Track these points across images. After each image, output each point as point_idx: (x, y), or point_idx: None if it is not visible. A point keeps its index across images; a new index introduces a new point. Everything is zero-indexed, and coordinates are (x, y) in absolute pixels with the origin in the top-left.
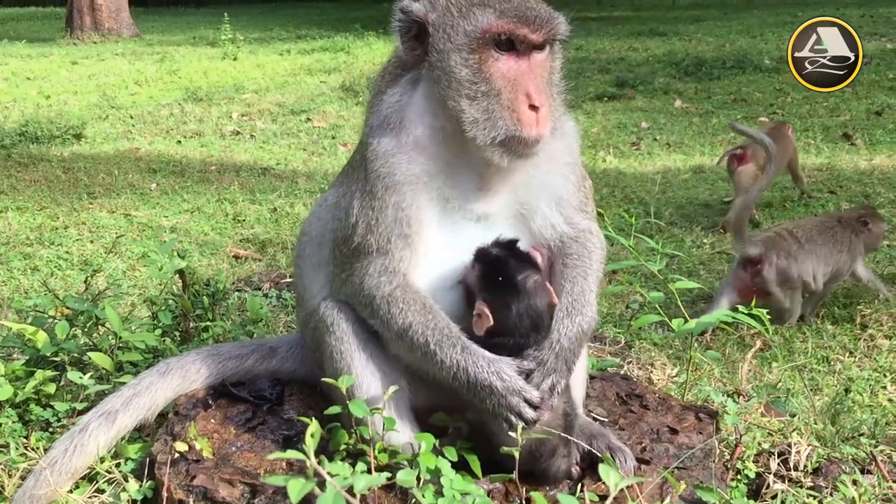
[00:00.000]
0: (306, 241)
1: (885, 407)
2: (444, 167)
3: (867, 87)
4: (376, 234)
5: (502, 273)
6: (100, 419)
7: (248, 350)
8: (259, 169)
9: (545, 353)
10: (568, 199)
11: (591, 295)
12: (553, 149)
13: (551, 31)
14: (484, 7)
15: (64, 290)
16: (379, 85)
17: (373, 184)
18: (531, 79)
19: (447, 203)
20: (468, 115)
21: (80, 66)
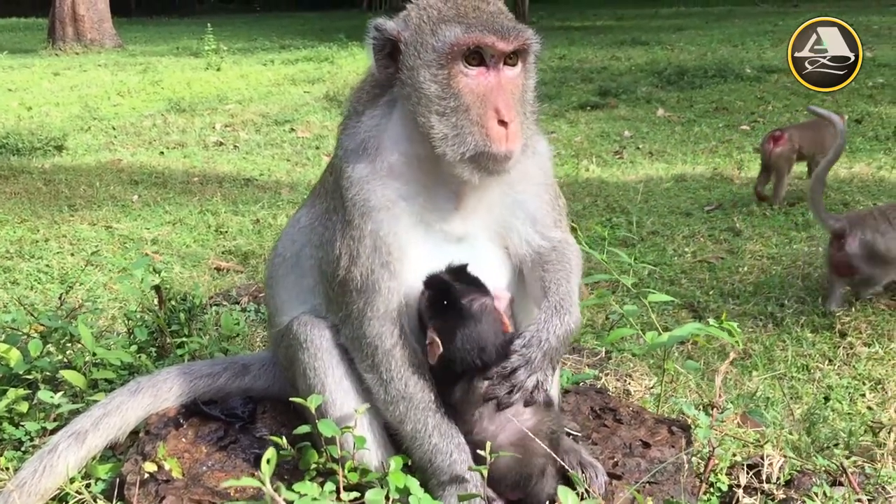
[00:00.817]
0: (279, 262)
1: (863, 415)
2: (420, 190)
3: (847, 96)
4: (359, 265)
5: (447, 298)
6: (69, 440)
7: (220, 368)
8: (242, 180)
9: (533, 351)
10: (542, 218)
11: (575, 296)
12: (527, 169)
13: (519, 40)
14: (452, 22)
15: (43, 303)
16: (355, 106)
17: (350, 212)
18: (501, 94)
19: (426, 226)
20: (437, 131)
21: (62, 77)
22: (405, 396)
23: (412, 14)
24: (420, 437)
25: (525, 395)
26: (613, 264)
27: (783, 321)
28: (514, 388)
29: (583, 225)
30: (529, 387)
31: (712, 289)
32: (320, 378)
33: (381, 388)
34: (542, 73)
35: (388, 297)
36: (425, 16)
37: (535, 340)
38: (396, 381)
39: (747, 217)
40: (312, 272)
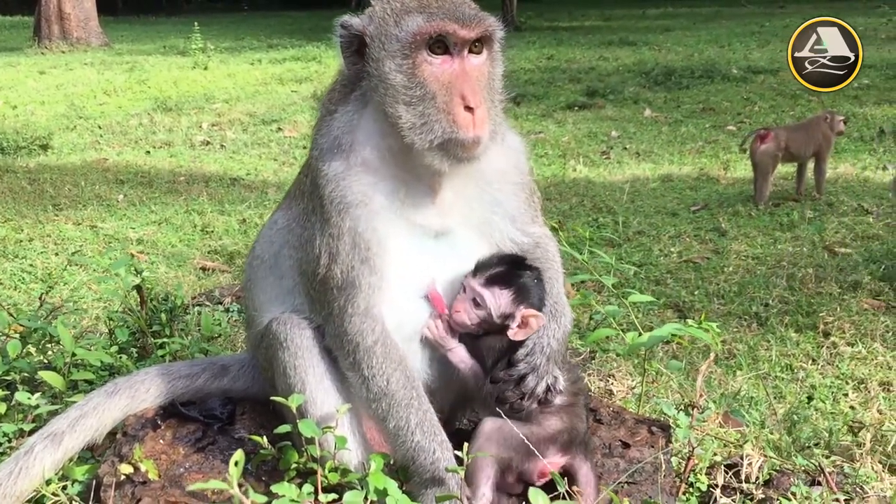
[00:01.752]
0: (257, 265)
1: (846, 414)
2: (397, 185)
3: (832, 96)
4: (339, 262)
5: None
6: (45, 441)
7: (199, 369)
8: (228, 179)
9: (537, 358)
10: (520, 216)
11: (564, 295)
12: (503, 167)
13: (481, 26)
14: (414, 12)
15: (27, 303)
16: (328, 105)
17: (327, 211)
18: (466, 81)
19: (405, 221)
20: (405, 120)
21: (47, 75)
22: (387, 393)
23: (377, 8)
24: (402, 434)
25: (537, 399)
26: (599, 264)
27: (767, 321)
28: (524, 395)
29: (570, 225)
30: (540, 392)
31: (697, 289)
32: (300, 377)
33: (363, 385)
34: (530, 73)
35: (369, 293)
36: (389, 8)
37: (538, 348)
38: (378, 378)
39: (732, 217)
40: (292, 273)
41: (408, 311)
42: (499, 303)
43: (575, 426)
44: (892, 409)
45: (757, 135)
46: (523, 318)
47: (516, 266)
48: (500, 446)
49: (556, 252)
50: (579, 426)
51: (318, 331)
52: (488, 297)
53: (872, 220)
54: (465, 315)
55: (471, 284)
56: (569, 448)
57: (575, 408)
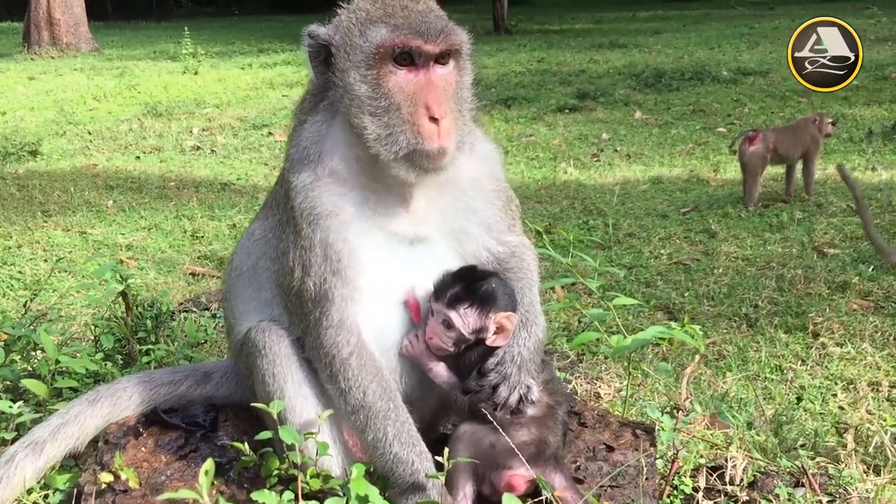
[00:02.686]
0: (236, 276)
1: (835, 415)
2: (368, 195)
3: (822, 97)
4: (311, 274)
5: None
6: (26, 450)
7: (181, 376)
8: (219, 184)
9: (508, 367)
10: (496, 224)
11: (538, 304)
12: (477, 175)
13: (447, 41)
14: (379, 23)
15: (15, 310)
16: (299, 115)
17: (298, 223)
18: (430, 91)
19: (378, 230)
20: (370, 131)
21: (37, 81)
22: (364, 405)
23: (343, 17)
24: (381, 446)
25: (509, 409)
26: (587, 267)
27: (757, 322)
28: (496, 405)
29: (560, 228)
30: (513, 402)
31: (687, 290)
32: (279, 384)
33: (341, 397)
34: (520, 76)
35: (342, 305)
36: (354, 18)
37: (508, 356)
38: (354, 391)
39: (722, 219)
40: (270, 284)
41: (385, 321)
42: (467, 321)
43: (544, 438)
44: (880, 410)
45: (745, 137)
46: (497, 325)
47: (473, 278)
48: (471, 451)
49: (533, 261)
50: (550, 439)
51: (298, 339)
52: (455, 319)
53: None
54: (439, 340)
55: (436, 308)
56: (536, 460)
57: (547, 420)
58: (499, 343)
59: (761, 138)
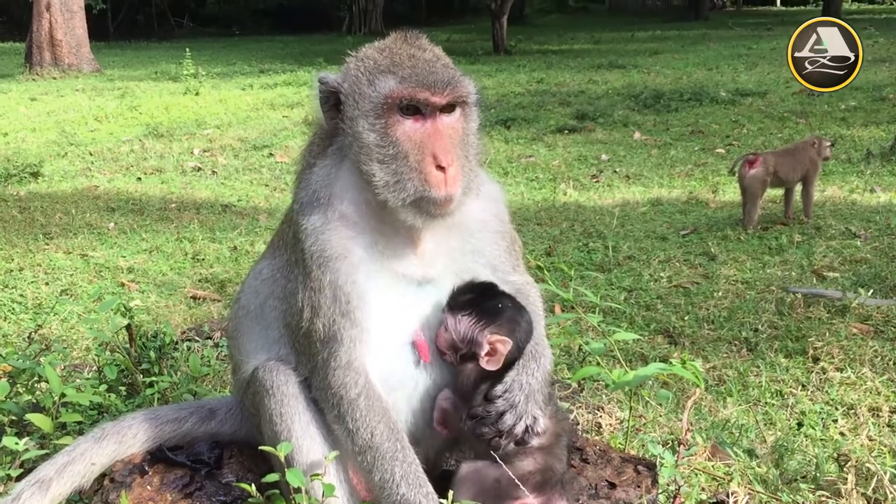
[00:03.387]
0: (243, 315)
1: (836, 441)
2: (377, 237)
3: (820, 119)
4: (321, 316)
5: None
6: (33, 488)
7: (186, 412)
8: (220, 206)
9: (516, 395)
10: (501, 265)
11: (545, 338)
12: (483, 217)
13: (453, 93)
14: (387, 74)
15: (17, 334)
16: (307, 158)
17: (308, 265)
18: (437, 140)
19: (387, 272)
20: (379, 178)
21: (39, 102)
22: (371, 446)
23: (351, 65)
24: (388, 486)
25: (514, 438)
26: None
27: (757, 346)
28: (501, 433)
29: (560, 250)
30: (518, 432)
31: (688, 314)
32: (287, 424)
33: (349, 438)
34: (520, 96)
35: (350, 346)
36: (363, 66)
37: (517, 385)
38: (362, 431)
39: (722, 241)
40: (277, 324)
41: (393, 362)
42: (458, 328)
43: (551, 466)
44: (881, 436)
45: (745, 160)
46: (490, 344)
47: (485, 292)
48: (475, 490)
49: (538, 297)
50: (556, 466)
51: (305, 379)
52: (449, 322)
53: (860, 244)
54: (440, 340)
55: (444, 311)
56: (542, 489)
57: (554, 448)
58: (490, 366)
59: (761, 161)
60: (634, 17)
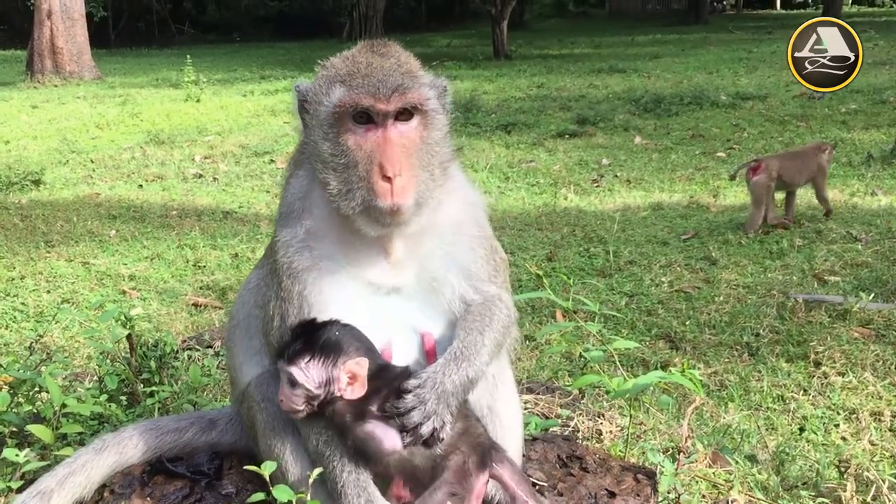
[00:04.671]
0: (233, 326)
1: (837, 445)
2: (347, 247)
3: (820, 122)
4: (287, 325)
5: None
6: (34, 500)
7: (186, 423)
8: (221, 213)
9: (426, 392)
10: (476, 271)
11: (484, 350)
12: (459, 221)
13: (402, 100)
14: (339, 82)
15: (18, 342)
16: (290, 166)
17: (279, 275)
18: (386, 150)
19: (355, 281)
20: (332, 186)
21: (40, 109)
22: (320, 453)
23: (319, 74)
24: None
25: (419, 440)
26: (587, 300)
27: (758, 351)
28: (406, 429)
29: (561, 255)
30: (425, 433)
31: (689, 319)
32: (280, 437)
33: (307, 442)
34: (520, 101)
35: None
36: (324, 75)
37: (430, 382)
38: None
39: (723, 246)
40: (258, 333)
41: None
42: (309, 375)
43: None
44: (883, 440)
45: (749, 167)
46: (348, 373)
47: (312, 330)
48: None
49: (501, 311)
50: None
51: None
52: (298, 374)
53: (861, 248)
54: (288, 401)
55: (280, 367)
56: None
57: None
58: (358, 394)
59: (764, 167)
60: (634, 22)
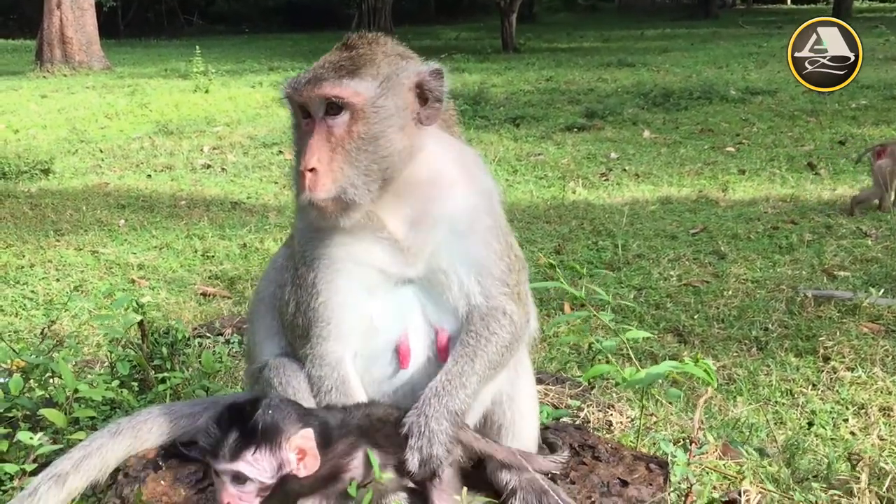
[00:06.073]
0: (258, 301)
1: (846, 440)
2: (355, 236)
3: (830, 117)
4: (300, 310)
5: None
6: (49, 482)
7: (200, 408)
8: (229, 203)
9: (417, 441)
10: (489, 267)
11: (472, 378)
12: (472, 209)
13: (315, 90)
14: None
15: (28, 330)
16: None
17: (297, 261)
18: (312, 143)
19: (365, 270)
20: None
21: (49, 99)
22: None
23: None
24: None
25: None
26: (600, 290)
27: (767, 345)
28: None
29: (569, 248)
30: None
31: (697, 313)
32: None
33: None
34: (529, 94)
35: (322, 342)
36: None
37: (416, 431)
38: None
39: (732, 240)
40: (278, 313)
41: (371, 360)
42: (260, 467)
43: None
44: (892, 435)
45: (874, 151)
46: (297, 450)
47: (243, 417)
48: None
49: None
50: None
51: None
52: (247, 469)
53: (871, 243)
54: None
55: (219, 468)
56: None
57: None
58: (310, 468)
59: (889, 152)
60: (644, 16)
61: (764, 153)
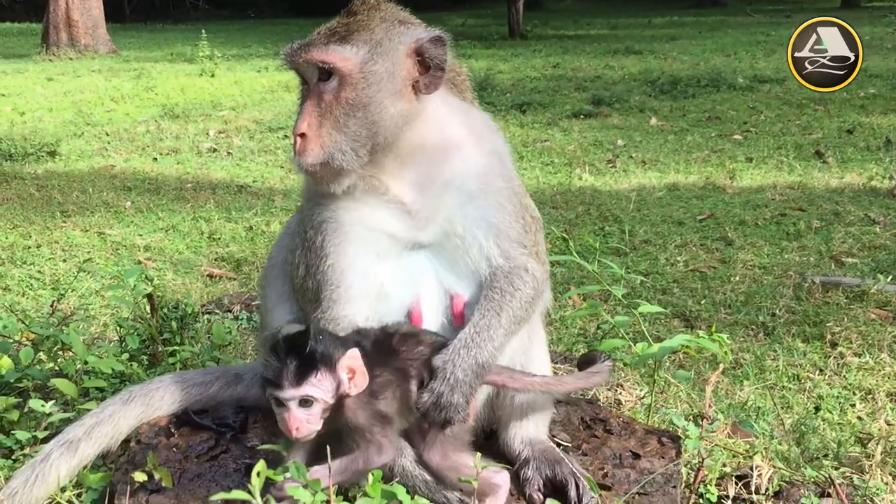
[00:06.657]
0: (270, 267)
1: (853, 425)
2: (362, 200)
3: (839, 106)
4: (310, 274)
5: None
6: (61, 448)
7: (212, 377)
8: (235, 186)
9: (440, 385)
10: (505, 230)
11: (498, 331)
12: (483, 171)
13: (302, 56)
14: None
15: (35, 310)
16: None
17: (306, 225)
18: (303, 108)
19: (374, 234)
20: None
21: (55, 82)
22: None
23: None
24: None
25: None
26: (606, 274)
27: (774, 331)
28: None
29: (576, 234)
30: (440, 422)
31: (704, 298)
32: None
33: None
34: (535, 81)
35: (333, 306)
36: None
37: (442, 375)
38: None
39: (739, 226)
40: (290, 278)
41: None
42: (324, 387)
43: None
44: None
45: None
46: (348, 370)
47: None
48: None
49: (526, 288)
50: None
51: None
52: (314, 391)
53: (879, 230)
54: (306, 425)
55: (284, 397)
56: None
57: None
58: (361, 387)
59: None
60: (651, 3)
61: (771, 141)
